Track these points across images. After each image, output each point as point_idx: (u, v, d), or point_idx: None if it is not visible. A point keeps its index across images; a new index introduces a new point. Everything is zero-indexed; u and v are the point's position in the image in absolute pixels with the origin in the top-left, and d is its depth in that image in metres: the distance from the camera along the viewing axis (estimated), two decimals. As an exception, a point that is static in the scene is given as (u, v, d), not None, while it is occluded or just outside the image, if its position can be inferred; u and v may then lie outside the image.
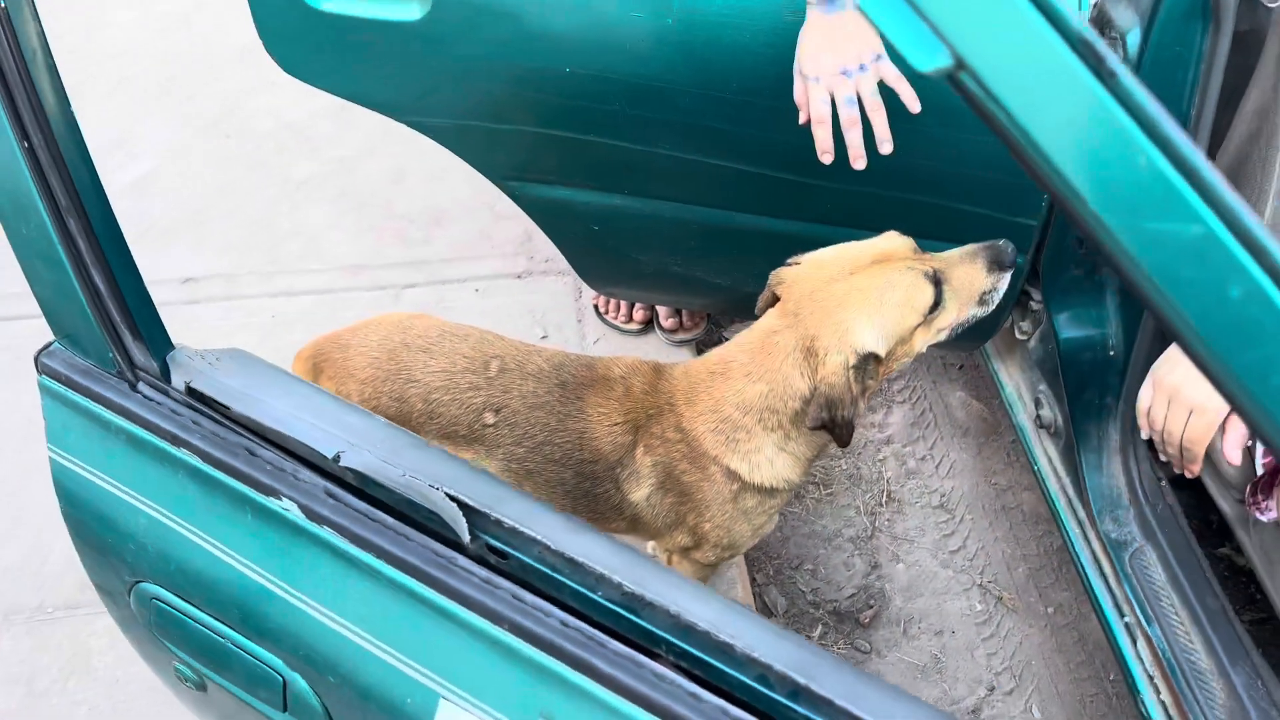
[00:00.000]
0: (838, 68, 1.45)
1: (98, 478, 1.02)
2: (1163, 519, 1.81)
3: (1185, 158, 0.45)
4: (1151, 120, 0.45)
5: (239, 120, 3.26)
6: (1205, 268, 0.46)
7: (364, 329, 1.70)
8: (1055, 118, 0.47)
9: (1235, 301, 0.46)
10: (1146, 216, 0.46)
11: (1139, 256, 0.47)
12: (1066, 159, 0.47)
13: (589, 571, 0.85)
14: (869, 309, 1.45)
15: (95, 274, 0.94)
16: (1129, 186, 0.46)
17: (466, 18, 1.75)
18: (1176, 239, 0.46)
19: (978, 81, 0.48)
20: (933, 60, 0.48)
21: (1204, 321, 0.47)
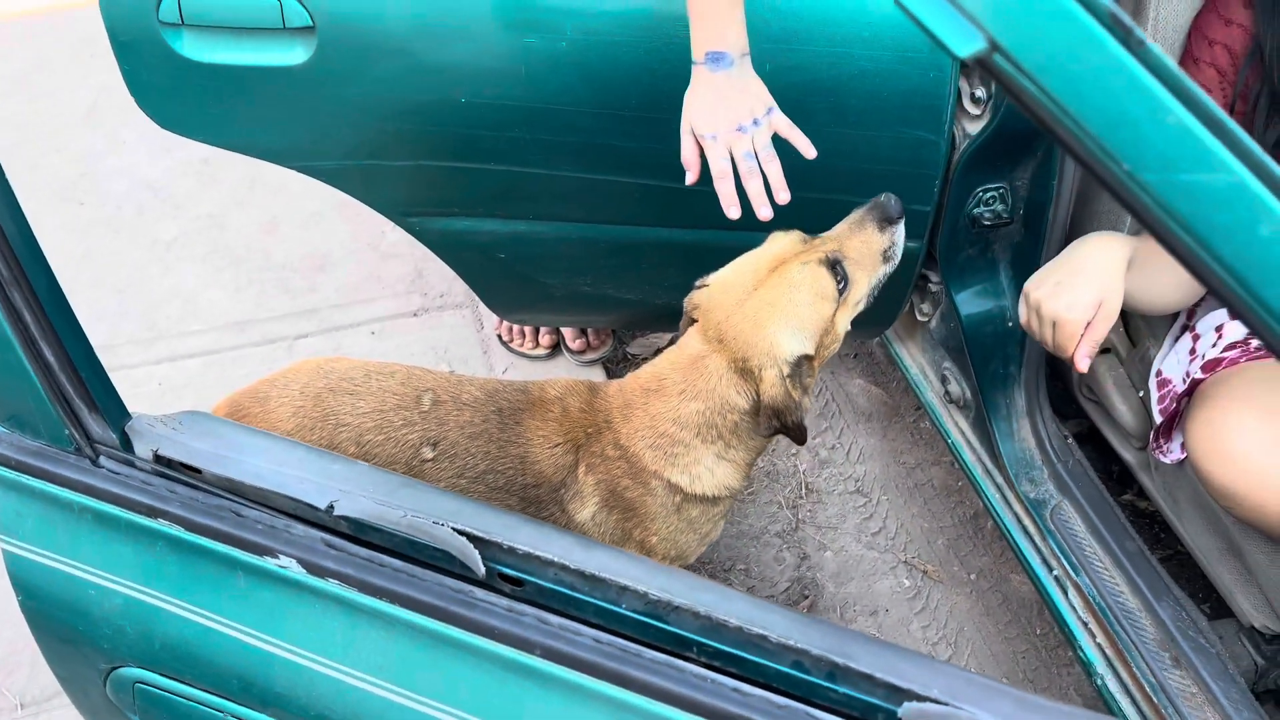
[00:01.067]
0: (734, 124, 1.47)
1: (61, 563, 0.96)
2: (1074, 474, 1.92)
3: (1211, 114, 0.49)
4: (1178, 82, 0.49)
5: (91, 185, 3.10)
6: (1235, 212, 0.50)
7: (282, 378, 1.65)
8: (1087, 88, 0.51)
9: (1265, 240, 0.50)
10: (1179, 170, 0.51)
11: (1174, 207, 0.51)
12: (1099, 124, 0.51)
13: (611, 585, 0.85)
14: (784, 317, 1.49)
15: (45, 348, 0.89)
16: (1161, 145, 0.51)
17: (354, 57, 1.73)
18: (1207, 188, 0.50)
19: (1012, 61, 0.51)
20: (969, 46, 0.51)
21: (1238, 261, 0.51)
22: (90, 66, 3.49)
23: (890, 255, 1.58)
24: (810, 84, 1.69)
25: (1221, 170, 0.50)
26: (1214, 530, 1.73)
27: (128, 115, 1.87)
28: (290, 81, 1.75)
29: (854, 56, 1.66)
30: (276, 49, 1.74)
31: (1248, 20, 1.55)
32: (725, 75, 1.47)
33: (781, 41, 1.65)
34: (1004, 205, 1.80)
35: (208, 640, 0.93)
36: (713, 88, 1.48)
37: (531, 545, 0.86)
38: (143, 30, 1.72)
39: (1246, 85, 1.55)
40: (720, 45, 1.45)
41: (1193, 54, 1.62)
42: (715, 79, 1.47)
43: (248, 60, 1.74)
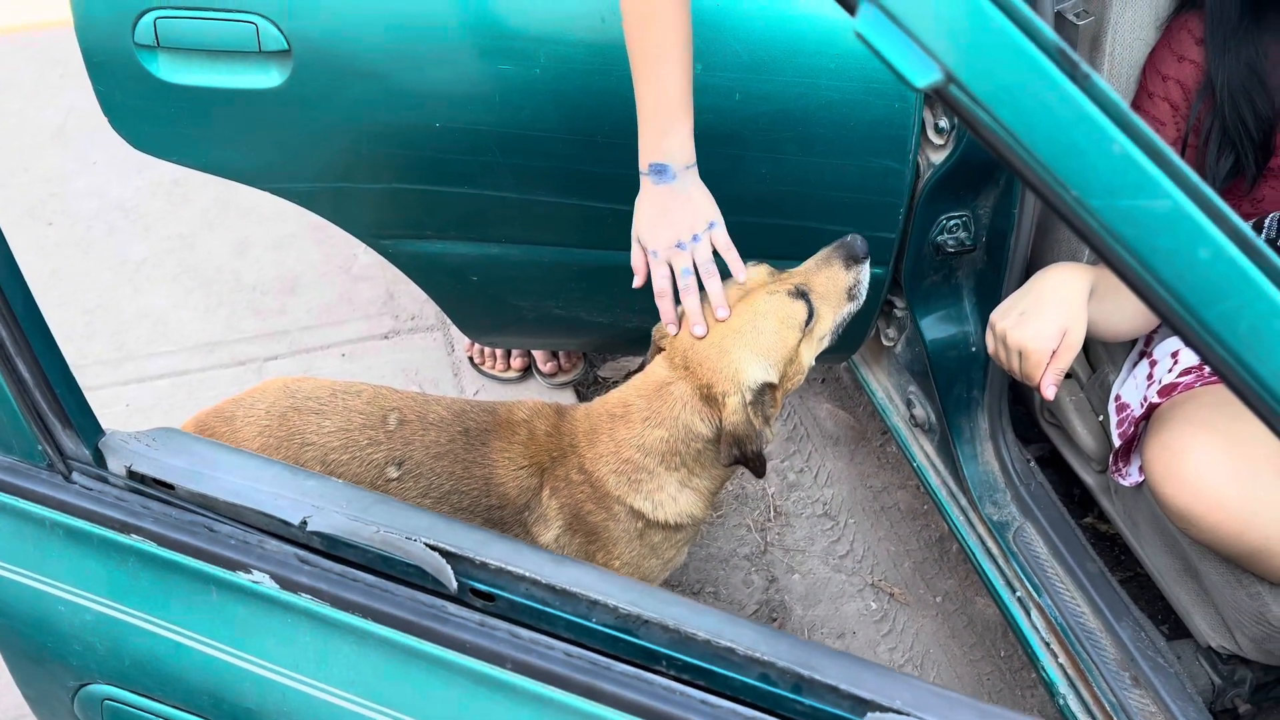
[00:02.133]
0: (673, 241, 1.48)
1: (30, 579, 0.96)
2: (1036, 497, 1.95)
3: (1152, 143, 0.52)
4: (1122, 114, 0.52)
5: (60, 205, 3.09)
6: (1176, 236, 0.53)
7: (248, 398, 1.65)
8: (1037, 118, 0.54)
9: (1204, 262, 0.53)
10: (1121, 196, 0.54)
11: (1118, 231, 0.54)
12: (1049, 152, 0.54)
13: (581, 599, 0.87)
14: (749, 344, 1.50)
15: (20, 364, 0.90)
16: (1105, 172, 0.53)
17: (329, 81, 1.75)
18: (1149, 214, 0.53)
19: (966, 93, 0.54)
20: (925, 77, 0.54)
21: (1179, 283, 0.54)
22: (59, 87, 3.48)
23: (855, 294, 1.60)
24: (779, 113, 1.73)
25: (1162, 196, 0.53)
26: (1172, 552, 1.77)
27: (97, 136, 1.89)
28: (265, 104, 1.77)
29: (821, 87, 1.70)
30: (252, 72, 1.75)
31: (1199, 57, 1.60)
32: (668, 188, 1.47)
33: (751, 71, 1.68)
34: (967, 233, 1.85)
35: (179, 656, 0.93)
36: (656, 200, 1.48)
37: (503, 560, 0.88)
38: (118, 52, 1.73)
39: (1199, 119, 1.61)
40: (661, 156, 1.45)
41: (1147, 88, 1.67)
42: (659, 191, 1.47)
43: (223, 83, 1.76)
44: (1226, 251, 0.53)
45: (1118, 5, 1.66)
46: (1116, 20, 1.67)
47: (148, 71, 1.74)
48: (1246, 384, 0.55)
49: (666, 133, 1.45)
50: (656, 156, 1.46)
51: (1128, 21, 1.67)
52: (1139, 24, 1.67)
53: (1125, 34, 1.67)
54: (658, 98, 1.43)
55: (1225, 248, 0.53)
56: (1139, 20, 1.67)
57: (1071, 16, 1.67)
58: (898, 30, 0.53)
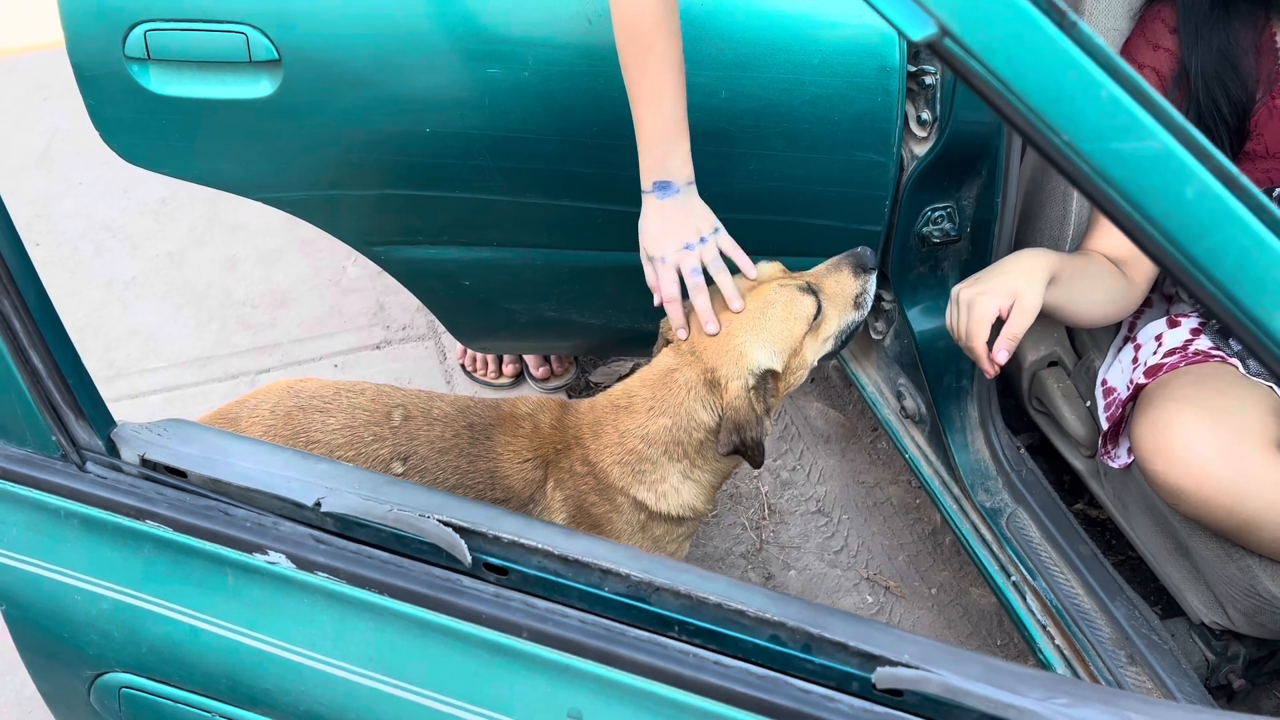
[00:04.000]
0: (680, 244, 1.54)
1: (46, 569, 0.97)
2: (1028, 482, 1.98)
3: (1137, 85, 0.55)
4: (1108, 59, 0.55)
5: (47, 225, 3.09)
6: (1163, 175, 0.56)
7: (252, 399, 1.66)
8: (1028, 67, 0.57)
9: (1190, 201, 0.56)
10: (1111, 139, 0.56)
11: (1108, 173, 0.57)
12: (1041, 99, 0.57)
13: (593, 569, 0.88)
14: (756, 329, 1.55)
15: (34, 355, 0.91)
16: (1095, 116, 0.56)
17: (320, 89, 1.76)
18: (1138, 155, 0.56)
19: (960, 45, 0.57)
20: (921, 30, 0.57)
21: (1167, 220, 0.57)
22: (42, 110, 3.48)
23: (861, 302, 1.65)
24: (764, 110, 1.76)
25: (1149, 138, 0.55)
26: (1162, 531, 1.80)
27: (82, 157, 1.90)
28: (256, 114, 1.79)
29: (805, 83, 1.73)
30: (242, 82, 1.77)
31: (1174, 45, 1.64)
32: (671, 201, 1.54)
33: (735, 69, 1.71)
34: (952, 223, 1.88)
35: (196, 640, 0.94)
36: (660, 213, 1.55)
37: (516, 534, 0.89)
38: (109, 65, 1.74)
39: (1174, 104, 1.65)
40: (664, 175, 1.53)
41: (1123, 77, 1.72)
42: (662, 206, 1.55)
43: (214, 93, 1.78)
44: (1212, 188, 0.55)
45: (1091, -4, 1.71)
46: (1091, 10, 1.71)
47: (139, 84, 1.76)
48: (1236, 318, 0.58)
49: (668, 153, 1.53)
50: (659, 175, 1.54)
51: (1102, 11, 1.71)
52: (1113, 14, 1.71)
53: (1100, 24, 1.71)
54: (657, 121, 1.51)
55: (1210, 185, 0.55)
56: (1113, 10, 1.71)
57: (1047, 9, 1.71)
58: (893, -14, 0.56)
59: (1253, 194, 0.56)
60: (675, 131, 1.52)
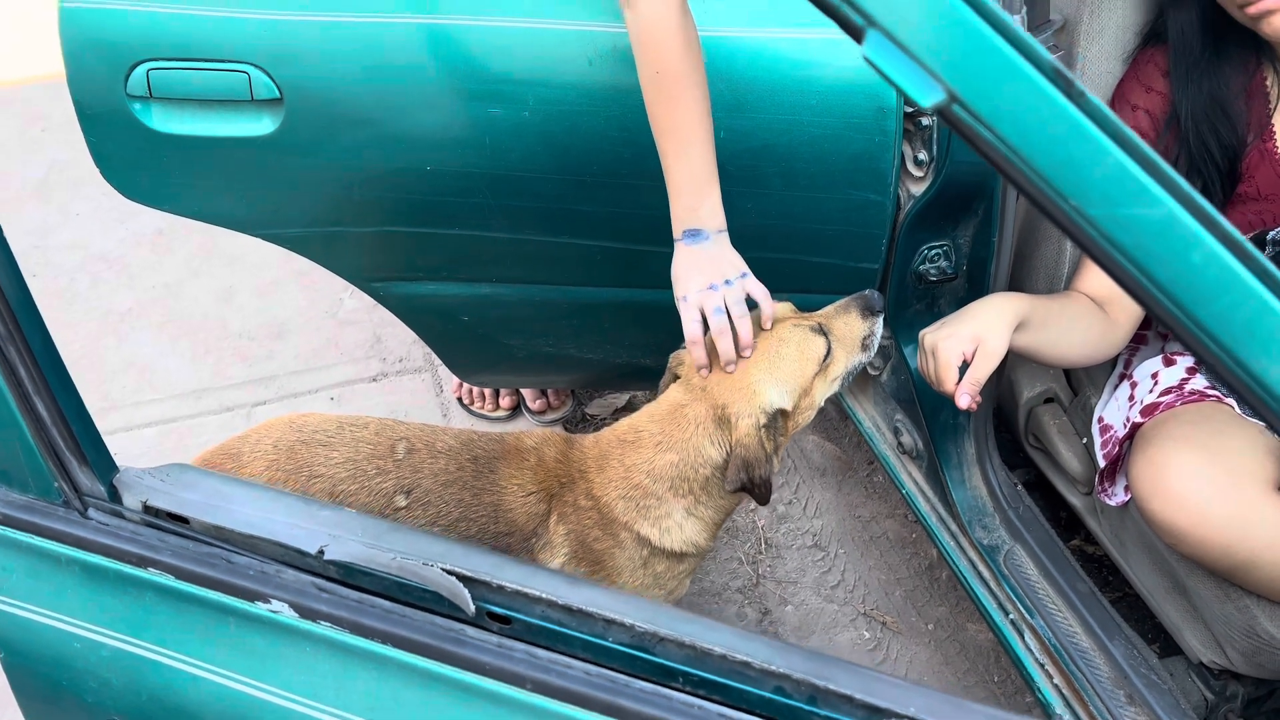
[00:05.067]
0: (705, 284, 1.56)
1: (46, 617, 0.97)
2: (1025, 520, 1.98)
3: (1145, 154, 0.56)
4: (1115, 127, 0.56)
5: (44, 257, 3.09)
6: (1170, 241, 0.57)
7: (254, 434, 1.66)
8: (1036, 133, 0.57)
9: (1197, 266, 0.57)
10: (1118, 205, 0.57)
11: (1116, 239, 0.58)
12: (1048, 165, 0.58)
13: (597, 619, 0.88)
14: (769, 368, 1.56)
15: (38, 402, 0.91)
16: (1102, 183, 0.57)
17: (321, 127, 1.78)
18: (1144, 221, 0.57)
19: (969, 111, 0.58)
20: (930, 97, 0.57)
21: (1174, 285, 0.57)
22: (40, 142, 3.49)
23: (868, 344, 1.67)
24: (762, 149, 1.78)
25: (1156, 205, 0.56)
26: (1160, 569, 1.80)
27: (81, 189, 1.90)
28: (257, 151, 1.79)
29: (803, 123, 1.75)
30: (244, 120, 1.78)
31: (1166, 88, 1.66)
32: (701, 248, 1.56)
33: (734, 110, 1.73)
34: (948, 262, 1.89)
35: (196, 689, 0.94)
36: (688, 258, 1.57)
37: (519, 583, 0.89)
38: (110, 103, 1.75)
39: (1166, 148, 1.66)
40: (695, 223, 1.56)
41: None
42: (692, 250, 1.57)
43: (215, 131, 1.79)
44: (1218, 254, 0.56)
45: (1085, 39, 1.73)
46: (1085, 54, 1.73)
47: (140, 122, 1.77)
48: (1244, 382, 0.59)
49: (699, 202, 1.55)
50: (691, 223, 1.56)
51: (1095, 55, 1.73)
52: (1106, 57, 1.73)
53: (1094, 66, 1.74)
54: (687, 171, 1.53)
55: (1217, 251, 0.56)
56: (1106, 53, 1.73)
57: (1042, 51, 1.73)
58: (903, 55, 0.57)
59: (1258, 260, 0.56)
60: (704, 180, 1.54)
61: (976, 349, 1.53)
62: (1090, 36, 1.73)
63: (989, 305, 1.61)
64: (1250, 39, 1.57)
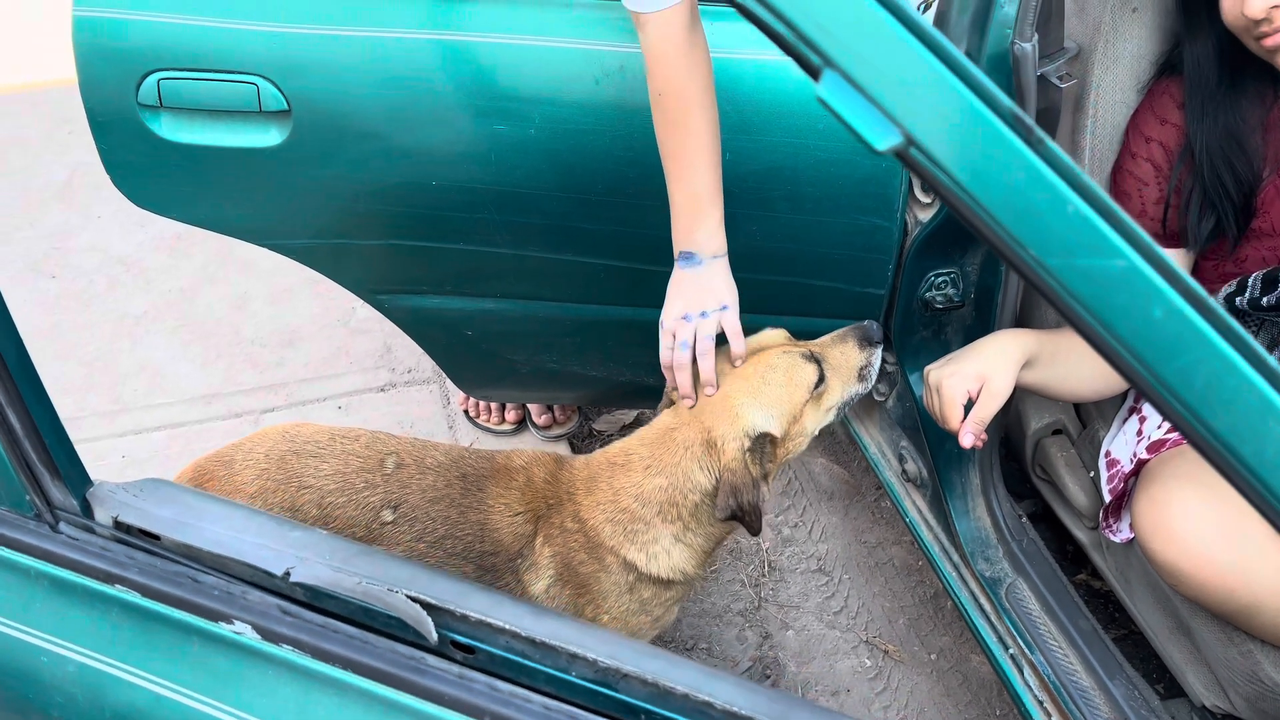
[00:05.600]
0: (680, 314, 1.57)
1: (14, 629, 0.96)
2: (1028, 553, 1.95)
3: (1105, 204, 0.54)
4: (1075, 175, 0.54)
5: (63, 259, 3.13)
6: (1131, 294, 0.55)
7: (247, 443, 1.67)
8: (995, 180, 0.56)
9: (1159, 320, 0.55)
10: (1078, 255, 0.55)
11: (1075, 290, 0.56)
12: (1007, 213, 0.56)
13: (561, 652, 0.87)
14: (754, 392, 1.54)
15: (10, 414, 0.91)
16: (1061, 232, 0.55)
17: (328, 140, 1.78)
18: (1105, 272, 0.55)
19: (926, 155, 0.56)
20: (886, 140, 0.56)
21: (1134, 339, 0.55)
22: (66, 144, 3.54)
23: (865, 375, 1.65)
24: (768, 172, 1.76)
25: (1116, 256, 0.54)
26: (1164, 609, 1.76)
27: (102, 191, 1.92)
28: (264, 162, 1.80)
29: (810, 147, 1.73)
30: (252, 131, 1.79)
31: (1180, 120, 1.63)
32: (693, 272, 1.57)
33: (740, 132, 1.72)
34: (955, 289, 1.87)
35: (158, 708, 0.93)
36: (677, 282, 1.59)
37: (483, 612, 0.88)
38: (121, 112, 1.77)
39: (1180, 180, 1.63)
40: (690, 246, 1.56)
41: (1130, 149, 1.71)
42: (683, 274, 1.58)
43: (223, 141, 1.80)
44: (1180, 309, 0.54)
45: (1099, 68, 1.70)
46: (1099, 82, 1.71)
47: (150, 131, 1.78)
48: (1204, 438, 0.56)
49: (695, 225, 1.55)
50: (686, 246, 1.57)
51: (1109, 84, 1.70)
52: (1120, 86, 1.71)
53: (1107, 96, 1.71)
54: (687, 193, 1.54)
55: (1179, 306, 0.54)
56: (1120, 83, 1.71)
57: (1055, 79, 1.70)
58: (859, 96, 0.55)
59: (1221, 316, 0.54)
60: (704, 203, 1.54)
61: (981, 388, 1.51)
62: (1105, 65, 1.71)
63: (995, 343, 1.59)
64: (1267, 72, 1.54)
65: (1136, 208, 1.67)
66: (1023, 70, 1.58)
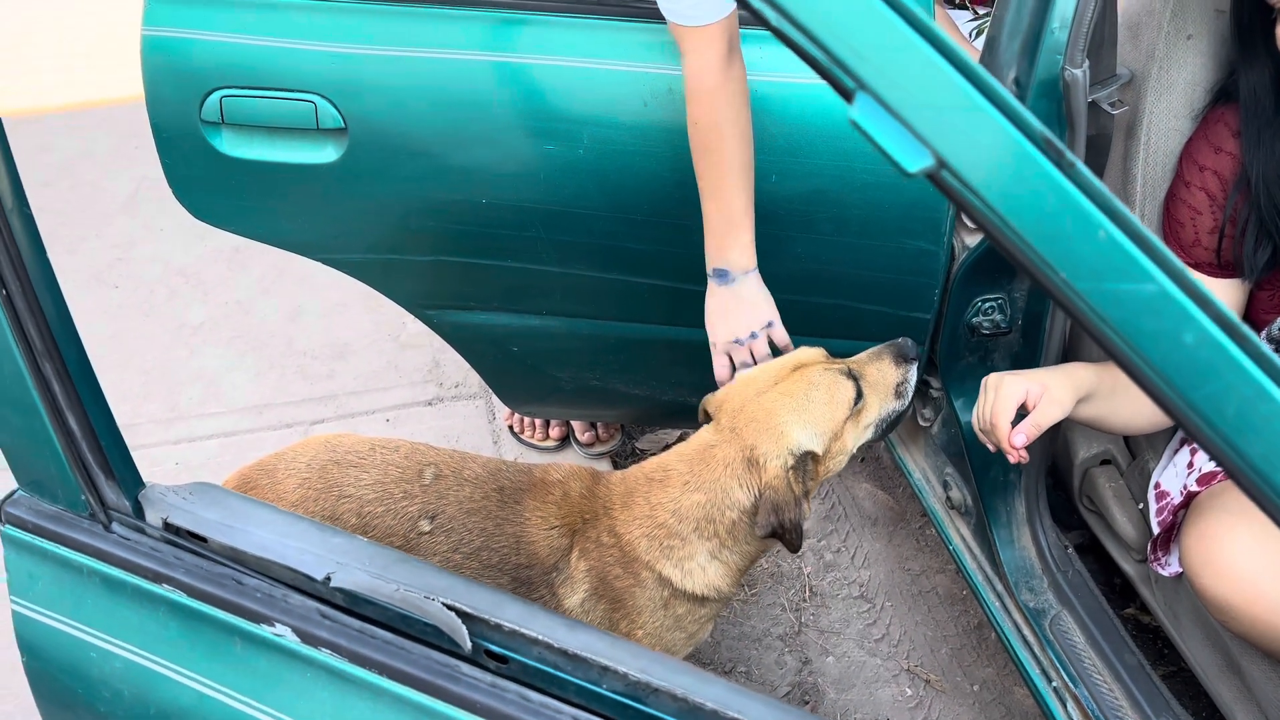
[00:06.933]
0: (730, 337, 1.63)
1: (67, 625, 1.00)
2: (1074, 584, 1.92)
3: (1136, 229, 0.54)
4: (1106, 200, 0.54)
5: (126, 269, 3.22)
6: (1162, 319, 0.55)
7: (290, 452, 1.70)
8: (1025, 203, 0.56)
9: (1190, 346, 0.55)
10: (1108, 280, 0.55)
11: (1106, 314, 0.56)
12: (1037, 236, 0.56)
13: (593, 665, 0.88)
14: (798, 410, 1.54)
15: (70, 417, 0.95)
16: (1091, 256, 0.55)
17: (383, 157, 1.82)
18: (1135, 297, 0.55)
19: (958, 178, 0.57)
20: (918, 162, 0.57)
21: (1165, 364, 0.55)
22: (133, 158, 3.64)
23: (902, 392, 1.65)
24: (814, 194, 1.77)
25: (1147, 281, 0.54)
26: (1214, 646, 1.72)
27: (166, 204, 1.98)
28: (321, 179, 1.85)
29: (856, 169, 1.74)
30: (309, 148, 1.84)
31: (1236, 149, 1.61)
32: (728, 289, 1.62)
33: (787, 154, 1.73)
34: (1002, 315, 1.85)
35: (200, 706, 0.95)
36: (718, 299, 1.64)
37: (517, 623, 0.89)
38: (185, 128, 1.82)
39: (1236, 209, 1.61)
40: (723, 263, 1.62)
41: (1184, 177, 1.69)
42: (720, 291, 1.63)
43: (282, 158, 1.84)
44: (1212, 335, 0.54)
45: (1152, 95, 1.69)
46: (1151, 109, 1.69)
47: (212, 146, 1.83)
48: (1236, 465, 0.56)
49: (728, 243, 1.61)
50: (719, 263, 1.63)
51: (1162, 111, 1.69)
52: (1174, 113, 1.69)
53: (1160, 123, 1.69)
54: (721, 212, 1.60)
55: (1211, 331, 0.54)
56: (1174, 110, 1.69)
57: (1106, 105, 1.69)
58: (892, 119, 0.56)
59: (1254, 342, 0.54)
60: (737, 222, 1.60)
61: (1042, 395, 1.50)
62: (1158, 92, 1.69)
63: (1060, 368, 1.63)
64: (1324, 101, 1.52)
65: (1190, 236, 1.65)
66: (1073, 96, 1.57)
